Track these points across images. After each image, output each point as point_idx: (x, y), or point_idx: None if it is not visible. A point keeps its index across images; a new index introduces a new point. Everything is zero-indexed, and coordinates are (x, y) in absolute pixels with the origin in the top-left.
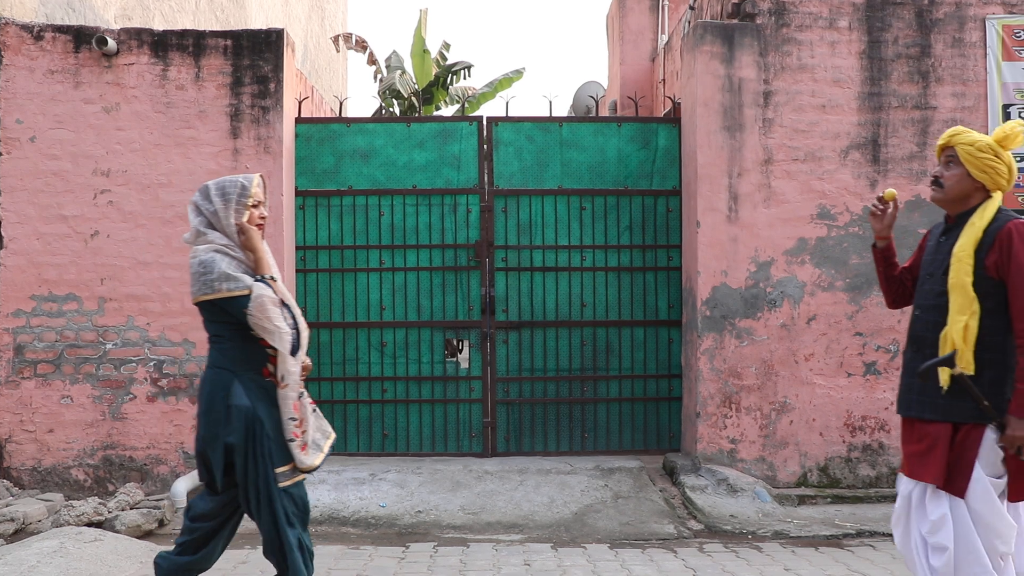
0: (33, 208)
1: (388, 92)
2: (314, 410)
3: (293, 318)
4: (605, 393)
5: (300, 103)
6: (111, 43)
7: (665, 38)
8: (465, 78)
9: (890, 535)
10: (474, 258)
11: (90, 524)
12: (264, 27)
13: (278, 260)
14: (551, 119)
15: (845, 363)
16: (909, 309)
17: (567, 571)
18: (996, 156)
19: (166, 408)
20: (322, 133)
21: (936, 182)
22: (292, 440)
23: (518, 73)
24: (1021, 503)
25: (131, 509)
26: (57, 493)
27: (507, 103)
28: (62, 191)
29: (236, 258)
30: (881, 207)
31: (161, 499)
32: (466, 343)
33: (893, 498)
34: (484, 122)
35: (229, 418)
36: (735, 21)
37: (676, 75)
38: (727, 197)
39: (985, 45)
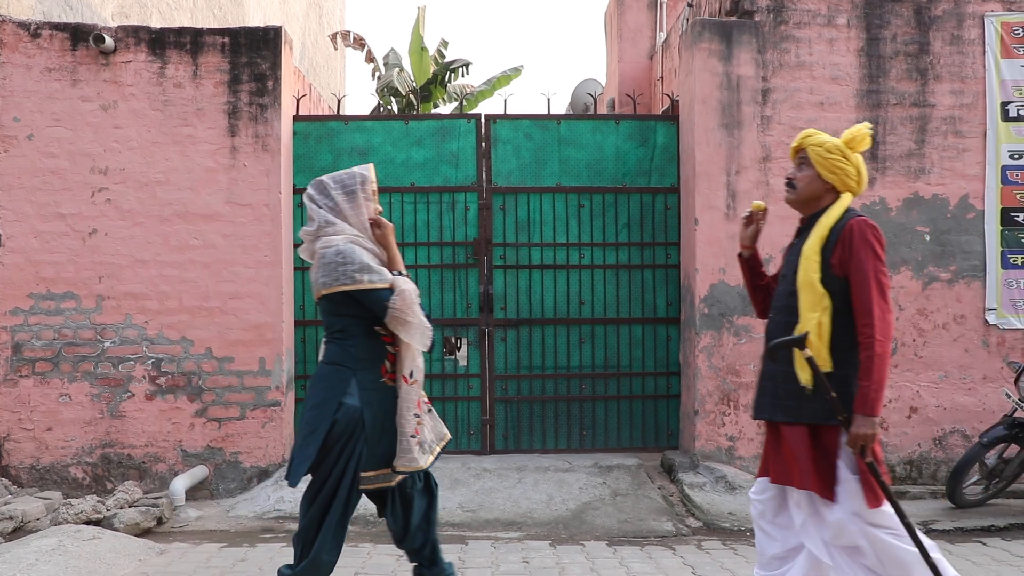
0: (31, 206)
1: (386, 90)
2: (429, 410)
3: (427, 315)
4: (603, 391)
5: (298, 101)
6: (108, 41)
7: (663, 35)
8: (463, 76)
9: None
10: (472, 256)
11: (89, 522)
12: (262, 25)
13: (276, 258)
14: (549, 117)
15: None
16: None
17: (565, 568)
18: (844, 158)
19: (164, 406)
20: (320, 131)
21: (789, 184)
22: (413, 436)
23: (516, 71)
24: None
25: (129, 507)
26: (55, 491)
27: (505, 101)
28: (60, 189)
29: (371, 250)
30: (749, 217)
31: (160, 497)
32: (464, 341)
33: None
34: (482, 120)
35: (335, 414)
36: (733, 18)
37: (674, 72)
38: (725, 194)
39: (984, 42)
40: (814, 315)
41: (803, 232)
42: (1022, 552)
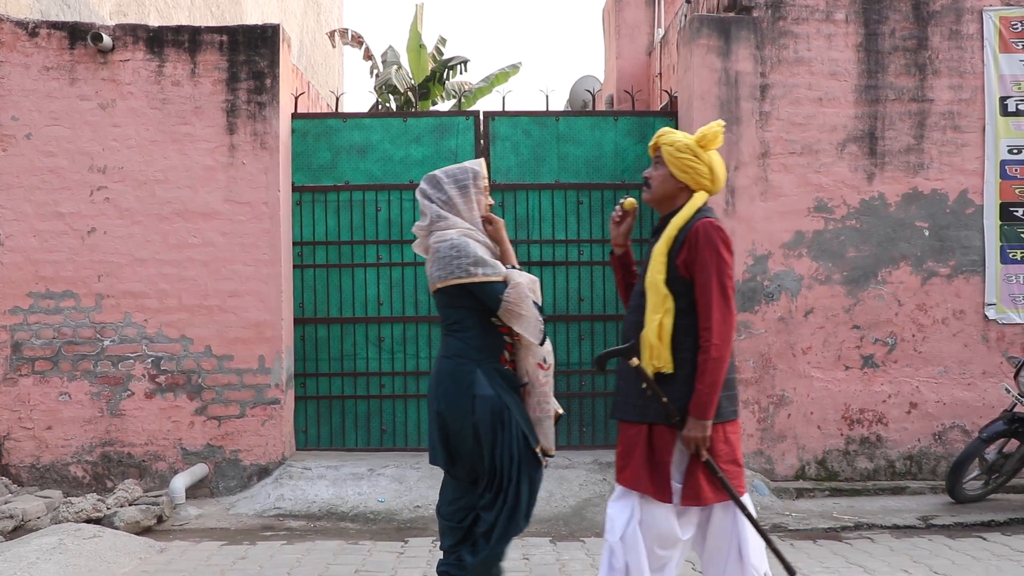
0: (30, 205)
1: (384, 87)
2: None
3: (539, 308)
4: (603, 387)
5: (296, 99)
6: (106, 39)
7: (661, 32)
8: (461, 73)
9: (889, 527)
10: None
11: (89, 521)
12: (260, 23)
13: (275, 256)
14: (548, 113)
15: (843, 356)
16: (881, 303)
17: (565, 564)
18: (695, 156)
19: (164, 404)
20: (318, 128)
21: (646, 182)
22: (550, 418)
23: (514, 68)
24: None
25: (130, 505)
26: (56, 490)
27: (503, 98)
28: (58, 188)
29: (483, 243)
30: (621, 214)
31: (160, 495)
32: None
33: (892, 491)
34: (481, 117)
35: (475, 408)
36: (731, 14)
37: (673, 69)
38: (724, 190)
39: (982, 37)
40: (656, 316)
41: (658, 232)
42: (1022, 547)
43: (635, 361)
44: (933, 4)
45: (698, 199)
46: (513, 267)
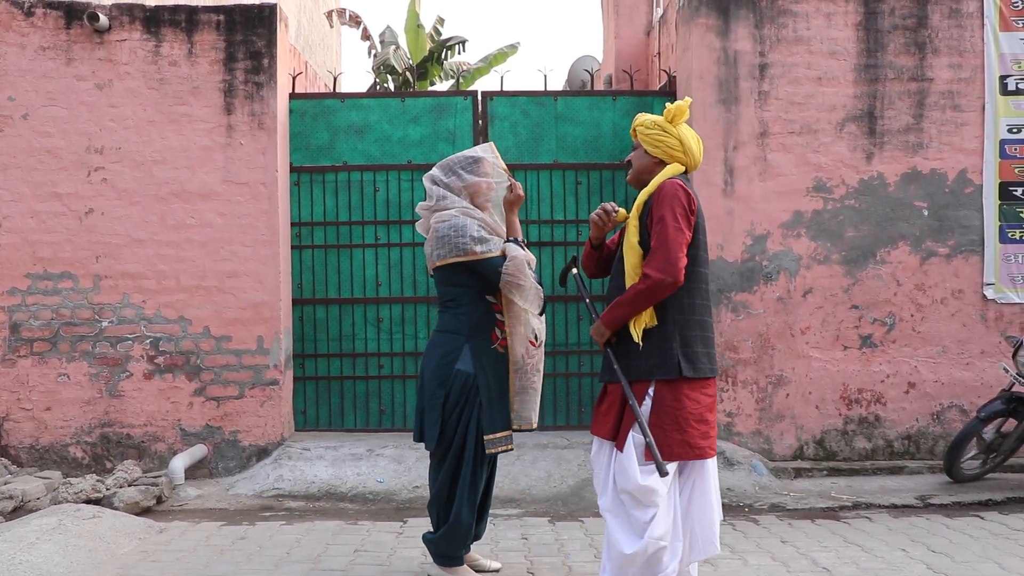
0: (27, 186)
1: (382, 67)
2: None
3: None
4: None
5: (294, 79)
6: (103, 19)
7: (660, 11)
8: (460, 53)
9: (887, 507)
10: None
11: (88, 501)
12: (257, 2)
13: (273, 237)
14: (546, 93)
15: (841, 336)
16: (879, 283)
17: (564, 544)
18: (663, 131)
19: (163, 385)
20: (316, 109)
21: (628, 163)
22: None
23: (513, 48)
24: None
25: (129, 486)
26: (55, 471)
27: (502, 78)
28: (56, 169)
29: (480, 219)
30: (604, 219)
31: (159, 476)
32: None
33: (890, 470)
34: (479, 97)
35: (450, 380)
36: None
37: (671, 48)
38: (723, 170)
39: (983, 15)
40: (636, 274)
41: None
42: (1019, 526)
43: (575, 270)
44: None
45: (669, 170)
46: (516, 241)
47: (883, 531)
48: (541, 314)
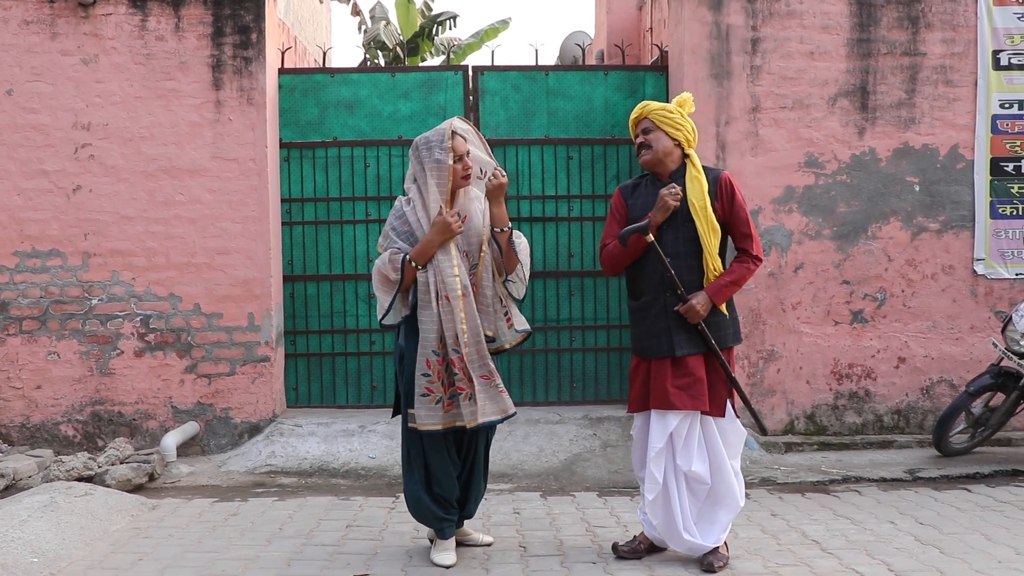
0: (13, 163)
1: (373, 43)
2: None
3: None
4: (593, 343)
5: (283, 54)
6: None
7: None
8: (450, 28)
9: (876, 480)
10: None
11: (80, 479)
12: None
13: (263, 213)
14: (537, 68)
15: (832, 311)
16: (870, 259)
17: (556, 518)
18: (683, 116)
19: (153, 363)
20: (306, 84)
21: (645, 146)
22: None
23: (504, 23)
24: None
25: (121, 464)
26: (47, 449)
27: (493, 52)
28: (42, 145)
29: (403, 213)
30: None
31: (151, 453)
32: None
33: (880, 445)
34: (470, 71)
35: (396, 354)
36: None
37: (663, 23)
38: (715, 146)
39: None
40: (715, 241)
41: (667, 186)
42: (1006, 498)
43: (650, 237)
44: None
45: (694, 155)
46: (502, 230)
47: (872, 504)
48: (380, 320)
